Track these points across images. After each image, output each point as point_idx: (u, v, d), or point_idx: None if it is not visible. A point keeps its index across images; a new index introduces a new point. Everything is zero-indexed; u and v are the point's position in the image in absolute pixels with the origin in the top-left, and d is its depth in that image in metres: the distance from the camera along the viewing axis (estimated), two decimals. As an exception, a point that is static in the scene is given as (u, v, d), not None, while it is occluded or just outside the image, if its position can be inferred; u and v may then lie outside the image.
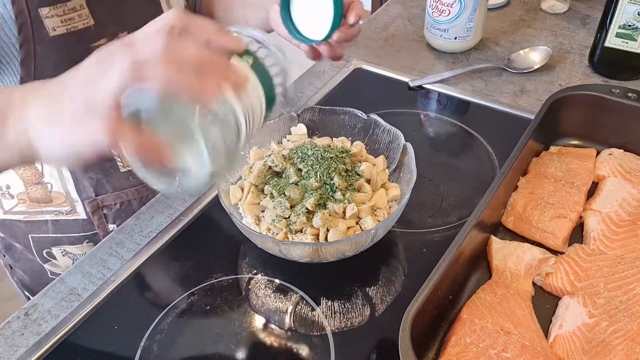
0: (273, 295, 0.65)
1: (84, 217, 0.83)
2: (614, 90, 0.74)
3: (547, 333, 0.58)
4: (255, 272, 0.67)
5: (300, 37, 0.73)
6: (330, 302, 0.64)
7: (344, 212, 0.63)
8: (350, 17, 0.69)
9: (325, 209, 0.63)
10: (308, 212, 0.63)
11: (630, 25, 0.86)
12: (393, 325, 0.55)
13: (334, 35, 0.70)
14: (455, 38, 0.99)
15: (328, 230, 0.62)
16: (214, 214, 0.75)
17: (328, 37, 0.69)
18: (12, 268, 0.92)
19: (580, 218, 0.69)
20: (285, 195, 0.64)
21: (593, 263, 0.62)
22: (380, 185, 0.68)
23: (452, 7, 0.94)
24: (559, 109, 0.75)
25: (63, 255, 0.87)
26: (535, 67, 0.96)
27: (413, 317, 0.51)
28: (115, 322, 0.63)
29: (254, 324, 0.62)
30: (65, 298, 0.66)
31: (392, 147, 0.73)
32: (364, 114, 0.75)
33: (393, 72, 0.98)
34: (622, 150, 0.75)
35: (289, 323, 0.62)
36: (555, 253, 0.65)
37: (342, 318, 0.62)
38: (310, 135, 0.77)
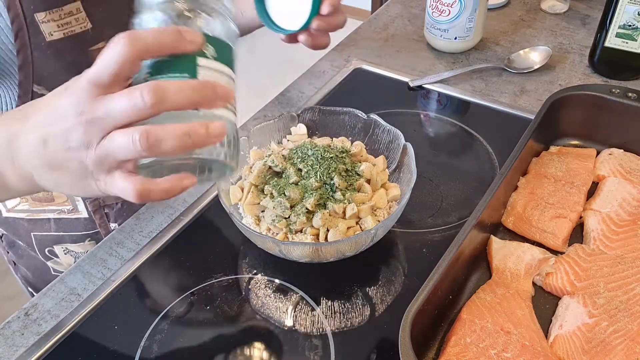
0: (273, 295, 0.65)
1: (86, 215, 0.83)
2: (614, 90, 0.74)
3: (547, 333, 0.58)
4: (255, 272, 0.67)
5: (275, 27, 0.69)
6: (330, 302, 0.64)
7: (344, 212, 0.63)
8: (324, 7, 0.65)
9: (325, 209, 0.63)
10: (308, 212, 0.63)
11: (630, 25, 0.86)
12: (393, 325, 0.55)
13: (313, 24, 0.66)
14: (455, 38, 0.99)
15: (328, 230, 0.62)
16: (214, 214, 0.75)
17: (305, 26, 0.66)
18: (15, 264, 0.93)
19: (580, 218, 0.69)
20: (285, 195, 0.64)
21: (593, 263, 0.62)
22: (380, 185, 0.68)
23: (452, 7, 0.94)
24: (559, 109, 0.75)
25: (65, 254, 0.87)
26: (535, 67, 0.96)
27: (413, 317, 0.51)
28: (115, 322, 0.63)
29: (254, 324, 0.62)
30: (65, 298, 0.66)
31: (392, 147, 0.73)
32: (364, 114, 0.75)
33: (393, 72, 0.98)
34: (622, 150, 0.75)
35: (289, 323, 0.62)
36: (555, 253, 0.65)
37: (342, 318, 0.62)
38: (310, 135, 0.77)
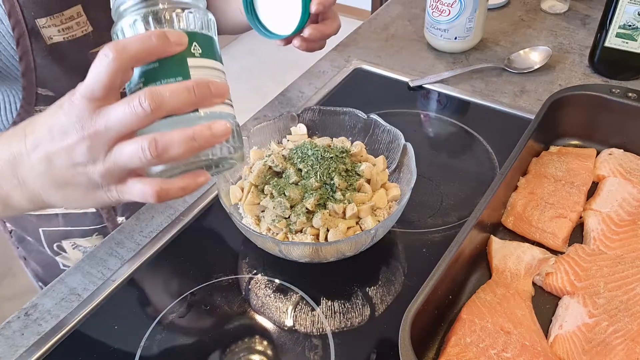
0: (273, 295, 0.65)
1: (93, 210, 0.83)
2: (614, 90, 0.74)
3: (547, 333, 0.58)
4: (255, 272, 0.67)
5: (266, 32, 0.69)
6: (330, 302, 0.64)
7: (344, 212, 0.63)
8: (313, 5, 0.65)
9: (325, 209, 0.63)
10: (308, 212, 0.63)
11: (630, 25, 0.86)
12: (393, 325, 0.54)
13: (306, 32, 0.66)
14: (456, 38, 0.99)
15: (328, 230, 0.62)
16: (214, 214, 0.75)
17: (296, 31, 0.66)
18: (26, 259, 0.93)
19: (580, 218, 0.69)
20: (285, 195, 0.64)
21: (593, 263, 0.62)
22: (380, 185, 0.68)
23: (452, 7, 0.94)
24: (559, 109, 0.75)
25: (73, 248, 0.87)
26: (535, 67, 0.96)
27: (413, 317, 0.51)
28: (115, 322, 0.63)
29: (254, 324, 0.62)
30: (65, 298, 0.66)
31: (392, 147, 0.73)
32: (364, 114, 0.75)
33: (393, 72, 0.98)
34: (622, 150, 0.75)
35: (289, 323, 0.62)
36: (555, 253, 0.65)
37: (342, 318, 0.62)
38: (310, 135, 0.77)
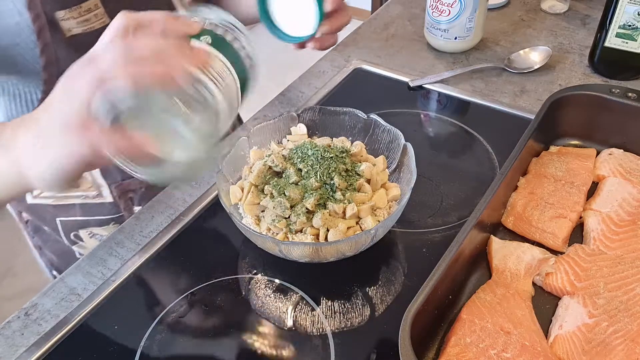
0: (273, 295, 0.65)
1: (110, 200, 0.84)
2: (614, 90, 0.74)
3: (547, 333, 0.58)
4: (255, 272, 0.67)
5: (283, 35, 0.69)
6: (330, 302, 0.64)
7: (344, 212, 0.63)
8: (327, 4, 0.66)
9: (325, 209, 0.63)
10: (308, 212, 0.63)
11: (630, 25, 0.86)
12: (393, 325, 0.54)
13: (318, 31, 0.66)
14: (456, 38, 0.99)
15: (328, 230, 0.62)
16: (214, 214, 0.75)
17: (314, 34, 0.66)
18: (41, 249, 0.94)
19: (580, 218, 0.69)
20: (285, 195, 0.64)
21: (593, 263, 0.62)
22: (380, 185, 0.68)
23: (452, 7, 0.94)
24: (559, 109, 0.75)
25: (90, 237, 0.88)
26: (535, 67, 0.96)
27: (413, 317, 0.51)
28: (115, 322, 0.63)
29: (254, 324, 0.62)
30: (65, 298, 0.66)
31: (392, 147, 0.73)
32: (364, 114, 0.75)
33: (393, 72, 0.98)
34: (622, 150, 0.75)
35: (289, 323, 0.62)
36: (555, 253, 0.65)
37: (342, 318, 0.62)
38: (310, 135, 0.77)
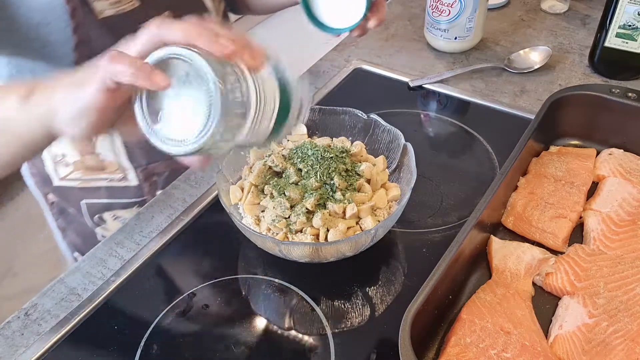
0: (273, 295, 0.65)
1: (135, 183, 0.86)
2: (614, 90, 0.74)
3: (547, 333, 0.58)
4: (255, 272, 0.67)
5: (327, 28, 0.68)
6: (330, 302, 0.64)
7: (344, 212, 0.63)
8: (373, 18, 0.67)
9: (325, 209, 0.63)
10: (308, 212, 0.63)
11: (630, 25, 0.86)
12: (393, 325, 0.54)
13: (371, 23, 0.66)
14: (455, 38, 0.99)
15: (328, 230, 0.62)
16: (214, 214, 0.75)
17: (359, 23, 0.65)
18: (64, 231, 0.96)
19: (580, 218, 0.69)
20: (285, 195, 0.64)
21: (593, 263, 0.62)
22: (380, 185, 0.68)
23: (452, 7, 0.94)
24: (559, 109, 0.75)
25: (113, 220, 0.89)
26: (535, 67, 0.96)
27: (413, 317, 0.51)
28: (115, 322, 0.63)
29: (254, 324, 0.62)
30: (65, 298, 0.66)
31: (392, 147, 0.73)
32: (364, 114, 0.75)
33: (393, 72, 0.98)
34: (622, 150, 0.75)
35: (289, 323, 0.62)
36: (555, 253, 0.65)
37: (342, 318, 0.62)
38: (310, 135, 0.77)
